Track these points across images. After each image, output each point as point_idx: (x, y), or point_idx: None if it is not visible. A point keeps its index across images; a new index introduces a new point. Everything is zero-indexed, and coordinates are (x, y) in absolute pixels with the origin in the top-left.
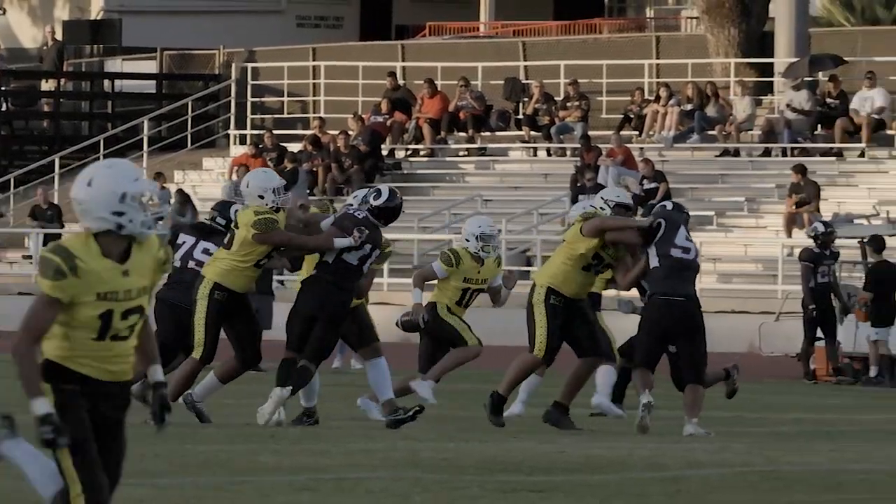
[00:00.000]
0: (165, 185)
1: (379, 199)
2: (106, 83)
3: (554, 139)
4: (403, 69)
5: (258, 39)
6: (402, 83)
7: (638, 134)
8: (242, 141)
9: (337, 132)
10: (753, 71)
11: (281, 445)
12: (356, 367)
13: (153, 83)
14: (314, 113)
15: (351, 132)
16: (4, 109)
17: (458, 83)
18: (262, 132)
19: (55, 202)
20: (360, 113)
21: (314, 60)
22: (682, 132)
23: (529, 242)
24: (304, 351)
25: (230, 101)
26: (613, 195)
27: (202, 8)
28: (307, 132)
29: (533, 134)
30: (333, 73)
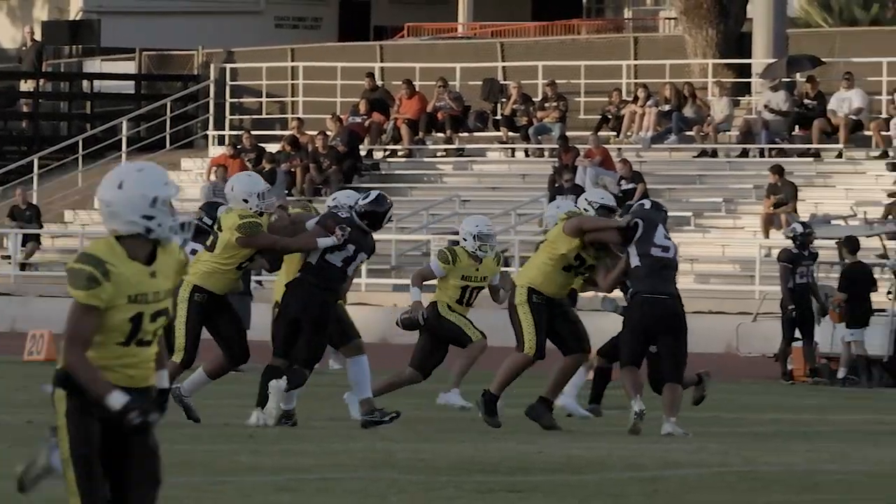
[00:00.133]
0: None
1: (366, 200)
2: (85, 84)
3: (532, 140)
4: (381, 70)
5: (237, 40)
6: (380, 84)
7: (616, 135)
8: (221, 141)
9: (315, 133)
10: (731, 72)
11: (261, 446)
12: (334, 367)
13: (132, 84)
14: (292, 113)
15: (329, 133)
16: None
17: (436, 84)
18: (240, 133)
19: (34, 202)
20: (338, 113)
21: (292, 61)
22: (659, 133)
23: (507, 243)
24: (290, 356)
25: (209, 101)
26: (597, 196)
27: (181, 9)
28: (285, 133)
29: (511, 134)
30: (312, 73)
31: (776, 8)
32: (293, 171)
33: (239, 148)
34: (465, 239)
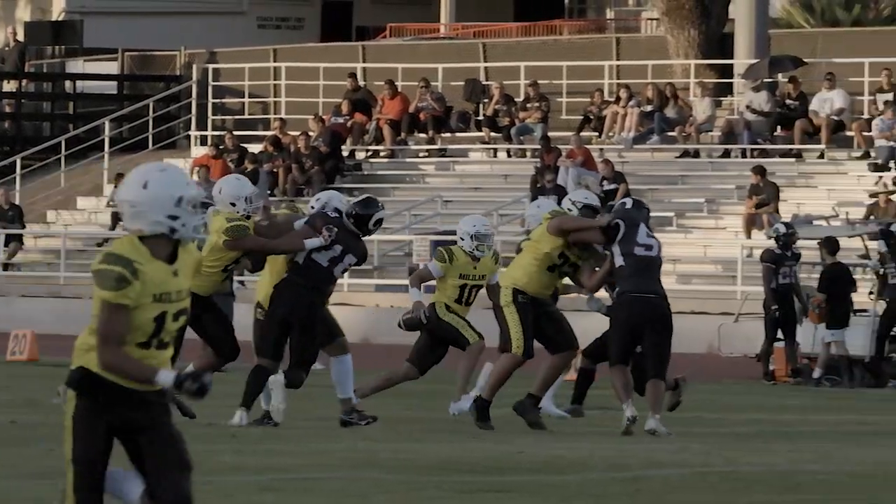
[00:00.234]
0: None
1: (358, 202)
2: (67, 84)
3: (514, 140)
4: (364, 70)
5: (219, 40)
6: (362, 84)
7: (598, 135)
8: (203, 142)
9: (298, 133)
10: (713, 72)
11: (244, 446)
12: (316, 367)
13: (114, 84)
14: (275, 114)
15: (311, 133)
16: None
17: (418, 84)
18: (223, 133)
19: (16, 203)
20: (320, 114)
21: (275, 61)
22: (641, 133)
23: None
24: (279, 357)
25: (191, 102)
26: (581, 197)
27: (163, 9)
28: (268, 133)
29: (493, 135)
30: (294, 74)
31: (758, 8)
32: (275, 171)
33: (221, 148)
34: (462, 238)
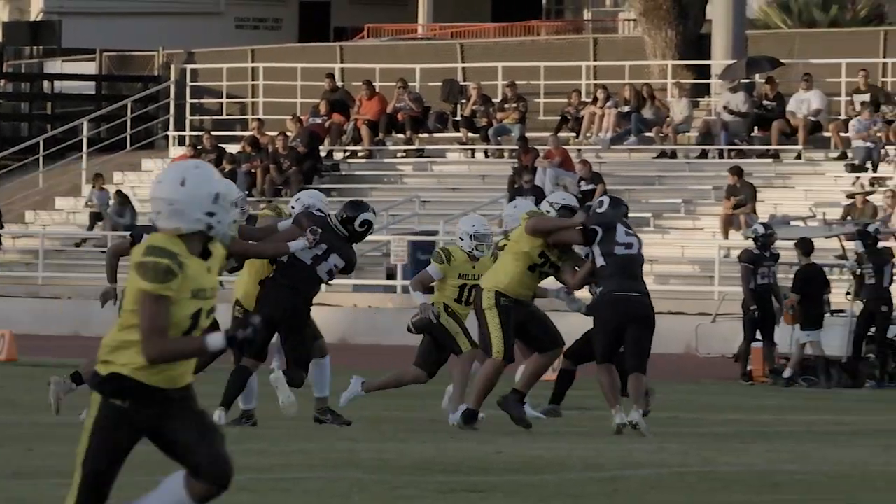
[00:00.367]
0: (104, 186)
1: (346, 204)
2: (45, 84)
3: (492, 141)
4: (342, 71)
5: (197, 41)
6: (340, 85)
7: (575, 136)
8: (181, 142)
9: (275, 133)
10: (690, 73)
11: None
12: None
13: (92, 84)
14: (253, 114)
15: (289, 133)
16: None
17: (396, 85)
18: (201, 133)
19: None
20: (298, 114)
21: (253, 62)
22: (619, 134)
23: None
24: (259, 358)
25: (169, 102)
26: (559, 198)
27: (141, 9)
28: (246, 133)
29: (471, 135)
30: (272, 74)
31: (735, 9)
32: (253, 171)
33: (199, 149)
34: (461, 238)
